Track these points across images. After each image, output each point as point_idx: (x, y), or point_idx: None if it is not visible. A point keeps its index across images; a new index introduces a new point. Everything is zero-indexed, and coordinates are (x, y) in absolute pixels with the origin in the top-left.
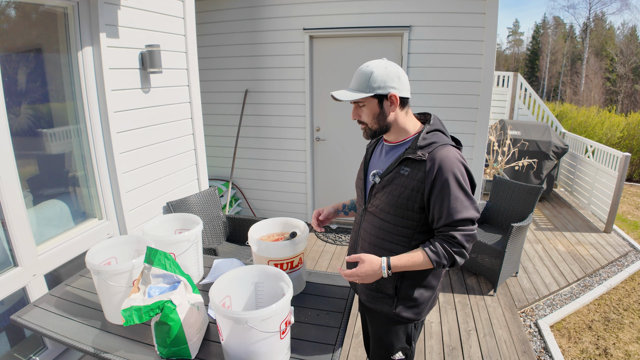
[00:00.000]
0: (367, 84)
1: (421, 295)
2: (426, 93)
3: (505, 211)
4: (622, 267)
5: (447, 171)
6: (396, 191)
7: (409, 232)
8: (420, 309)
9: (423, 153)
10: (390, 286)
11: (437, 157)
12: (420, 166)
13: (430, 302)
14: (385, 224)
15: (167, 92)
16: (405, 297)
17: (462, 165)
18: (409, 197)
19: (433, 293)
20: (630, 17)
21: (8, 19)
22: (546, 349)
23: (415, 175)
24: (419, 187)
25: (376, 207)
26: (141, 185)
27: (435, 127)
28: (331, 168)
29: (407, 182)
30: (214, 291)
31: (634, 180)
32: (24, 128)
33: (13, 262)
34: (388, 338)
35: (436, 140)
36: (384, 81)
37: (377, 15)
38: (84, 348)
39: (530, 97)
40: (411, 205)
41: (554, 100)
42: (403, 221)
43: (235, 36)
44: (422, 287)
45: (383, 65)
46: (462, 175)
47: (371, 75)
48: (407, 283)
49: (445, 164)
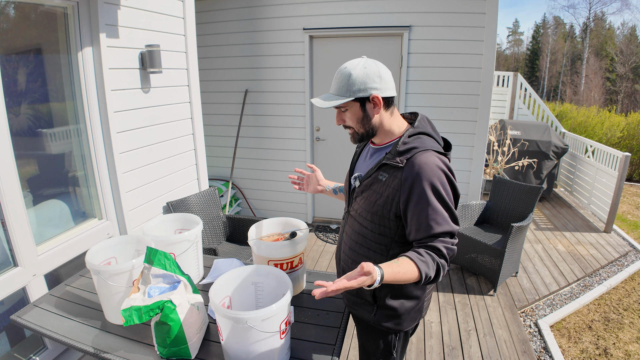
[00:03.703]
0: (347, 88)
1: (402, 305)
2: (426, 93)
3: (505, 211)
4: (622, 267)
5: (425, 180)
6: (373, 197)
7: (386, 241)
8: (400, 320)
9: (401, 159)
10: (369, 293)
11: (415, 164)
12: (397, 173)
13: (412, 313)
14: (363, 229)
15: (167, 92)
16: (384, 306)
17: (442, 174)
18: (384, 204)
19: (417, 303)
20: (630, 17)
21: (8, 19)
22: (546, 349)
23: (392, 182)
24: (394, 195)
25: (356, 211)
26: (141, 185)
27: (418, 130)
28: (331, 168)
29: (383, 188)
30: (214, 291)
31: (634, 180)
32: (24, 128)
33: (13, 262)
34: (369, 344)
35: (417, 145)
36: (364, 82)
37: (377, 15)
38: (84, 348)
39: (530, 97)
40: (387, 213)
41: (554, 100)
42: (380, 228)
43: (235, 36)
44: (402, 297)
45: (362, 65)
46: (443, 185)
47: (349, 78)
48: (386, 292)
49: (423, 172)
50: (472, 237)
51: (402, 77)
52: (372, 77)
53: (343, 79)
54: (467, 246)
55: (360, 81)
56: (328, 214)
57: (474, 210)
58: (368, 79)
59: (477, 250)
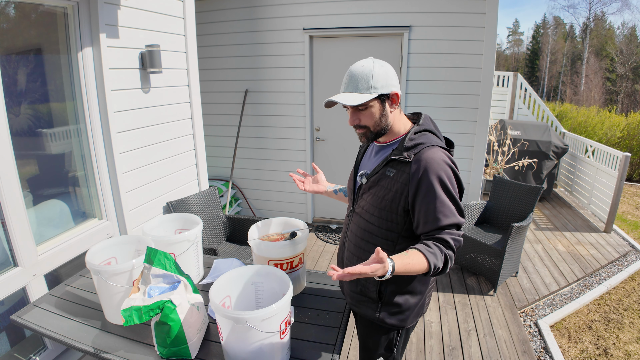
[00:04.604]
0: (370, 85)
1: (406, 301)
2: (426, 93)
3: (505, 211)
4: (622, 267)
5: (433, 174)
6: (380, 192)
7: (393, 236)
8: (405, 316)
9: (409, 154)
10: (374, 290)
11: (422, 158)
12: (405, 168)
13: (416, 309)
14: (370, 225)
15: (167, 92)
16: (389, 302)
17: (449, 168)
18: (393, 199)
19: (420, 299)
20: (630, 17)
21: (8, 19)
22: (546, 349)
23: (400, 177)
24: (402, 190)
25: (362, 208)
26: (141, 185)
27: (424, 128)
28: (331, 168)
29: (392, 184)
30: (214, 291)
31: (634, 180)
32: (24, 128)
33: (13, 262)
34: (370, 342)
35: (423, 141)
36: (385, 80)
37: (377, 15)
38: (84, 348)
39: (530, 97)
40: (395, 208)
41: (554, 100)
42: (387, 224)
43: (235, 36)
44: (407, 293)
45: (379, 64)
46: (449, 179)
47: (372, 75)
48: (392, 288)
49: (431, 167)
50: (472, 237)
51: (402, 77)
52: (390, 74)
53: (365, 76)
54: (467, 246)
55: (383, 78)
56: (328, 214)
57: (474, 210)
58: (388, 77)
59: (477, 250)
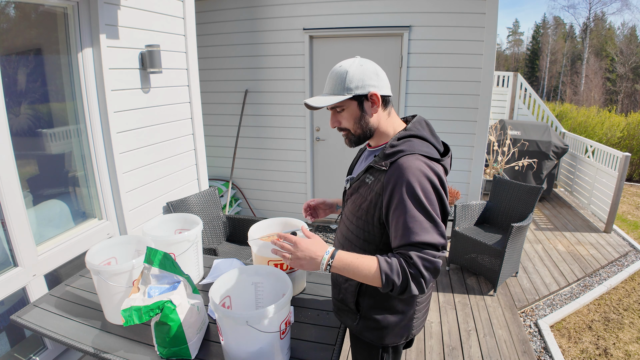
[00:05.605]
0: (344, 85)
1: (385, 318)
2: (426, 93)
3: (505, 211)
4: (622, 267)
5: (404, 186)
6: (358, 200)
7: (371, 248)
8: (382, 334)
9: (386, 163)
10: (352, 300)
11: (397, 168)
12: (380, 176)
13: (397, 329)
14: (350, 234)
15: (167, 92)
16: (367, 316)
17: (426, 180)
18: (368, 208)
19: (402, 319)
20: (630, 17)
21: (8, 19)
22: (546, 349)
23: (375, 186)
24: (377, 200)
25: (345, 215)
26: (141, 185)
27: (410, 133)
28: (331, 168)
29: (368, 192)
30: (214, 291)
31: (634, 180)
32: (24, 128)
33: (13, 262)
34: (355, 352)
35: (404, 148)
36: (361, 80)
37: (377, 15)
38: (84, 348)
39: (530, 97)
40: (370, 218)
41: (554, 100)
42: (364, 234)
43: (235, 36)
44: (385, 310)
45: (358, 63)
46: (424, 191)
47: (346, 75)
48: (369, 302)
49: (403, 177)
50: (472, 237)
51: (402, 77)
52: (369, 74)
53: (339, 76)
54: (467, 246)
55: (358, 78)
56: None
57: (474, 210)
58: (365, 76)
59: (477, 250)
